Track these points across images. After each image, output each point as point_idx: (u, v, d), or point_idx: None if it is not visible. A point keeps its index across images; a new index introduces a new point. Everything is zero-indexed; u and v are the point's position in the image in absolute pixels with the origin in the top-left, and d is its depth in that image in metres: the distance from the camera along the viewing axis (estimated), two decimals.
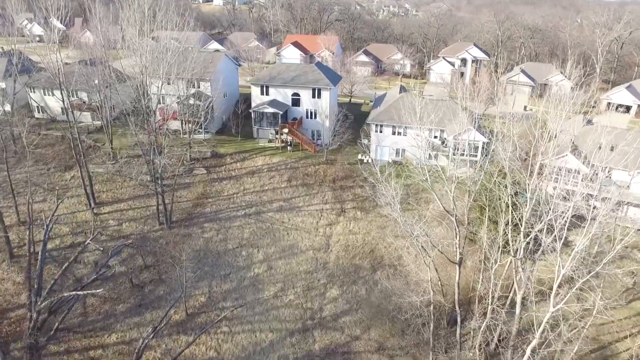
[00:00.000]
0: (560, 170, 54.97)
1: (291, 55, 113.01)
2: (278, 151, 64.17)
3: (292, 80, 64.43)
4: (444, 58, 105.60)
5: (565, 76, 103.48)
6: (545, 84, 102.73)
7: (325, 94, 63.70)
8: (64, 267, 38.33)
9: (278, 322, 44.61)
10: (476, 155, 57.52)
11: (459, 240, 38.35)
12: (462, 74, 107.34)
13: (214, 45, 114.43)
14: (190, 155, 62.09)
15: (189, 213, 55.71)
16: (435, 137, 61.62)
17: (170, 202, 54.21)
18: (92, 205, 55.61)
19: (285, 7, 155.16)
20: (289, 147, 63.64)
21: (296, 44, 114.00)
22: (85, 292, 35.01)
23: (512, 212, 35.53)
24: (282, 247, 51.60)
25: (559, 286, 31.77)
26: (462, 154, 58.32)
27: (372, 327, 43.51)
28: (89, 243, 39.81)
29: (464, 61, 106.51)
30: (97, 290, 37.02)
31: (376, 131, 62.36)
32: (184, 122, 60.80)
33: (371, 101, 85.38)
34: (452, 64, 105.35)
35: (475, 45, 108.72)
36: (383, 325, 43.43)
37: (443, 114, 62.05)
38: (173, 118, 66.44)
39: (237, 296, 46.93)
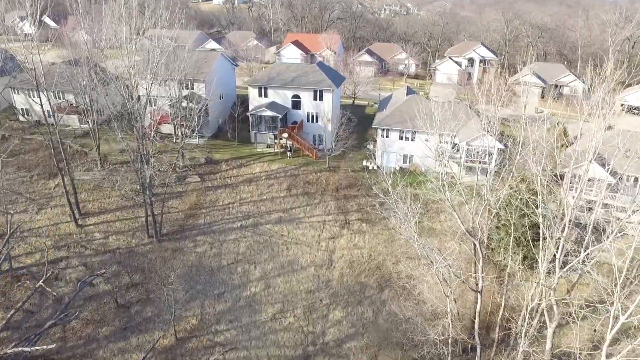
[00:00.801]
0: (583, 179, 50.82)
1: (291, 54, 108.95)
2: (277, 157, 60.08)
3: (292, 81, 60.37)
4: (450, 58, 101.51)
5: (577, 77, 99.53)
6: (556, 85, 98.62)
7: (327, 96, 59.64)
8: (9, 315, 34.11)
9: (276, 347, 40.62)
10: (490, 163, 53.37)
11: (481, 266, 34.20)
12: (468, 74, 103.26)
13: (211, 44, 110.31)
14: (182, 162, 58.04)
15: (180, 225, 51.64)
16: (446, 142, 57.47)
17: (160, 213, 50.15)
18: (77, 216, 51.59)
19: (286, 6, 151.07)
20: (288, 153, 59.57)
21: (296, 43, 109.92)
22: (33, 348, 30.86)
23: (544, 232, 31.38)
24: (281, 263, 47.53)
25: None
26: (475, 161, 54.23)
27: (381, 355, 39.44)
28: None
29: (471, 61, 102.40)
30: (49, 346, 32.97)
31: (382, 136, 58.27)
32: (176, 126, 56.68)
33: (375, 103, 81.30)
34: (459, 64, 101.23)
35: (482, 44, 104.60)
36: (393, 352, 39.34)
37: (456, 118, 57.89)
38: (164, 122, 62.42)
39: (232, 318, 42.93)
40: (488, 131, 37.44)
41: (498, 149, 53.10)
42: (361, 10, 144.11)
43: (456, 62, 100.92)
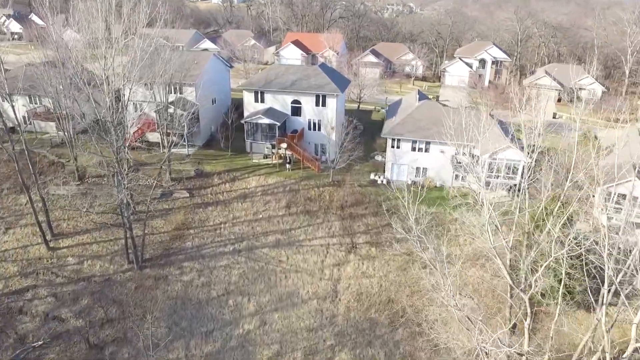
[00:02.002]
0: (620, 198, 44.91)
1: (291, 55, 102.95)
2: (275, 170, 54.00)
3: (292, 85, 54.33)
4: (460, 59, 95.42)
5: (596, 79, 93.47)
6: (574, 88, 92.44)
7: (331, 102, 53.59)
8: None
9: None
10: (514, 178, 47.37)
11: (528, 325, 28.15)
12: (479, 76, 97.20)
13: (206, 43, 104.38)
14: (169, 175, 52.02)
15: (165, 248, 45.62)
16: (464, 154, 51.44)
17: (142, 234, 44.10)
18: (49, 237, 45.63)
19: (285, 4, 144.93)
20: (288, 165, 53.52)
21: (297, 43, 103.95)
22: None
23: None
24: (279, 295, 41.47)
25: None
26: (497, 176, 48.19)
27: None
28: None
29: (482, 62, 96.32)
30: None
31: (392, 146, 52.20)
32: (162, 134, 50.62)
33: (382, 108, 75.26)
34: (470, 66, 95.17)
35: (494, 44, 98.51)
36: None
37: (472, 125, 51.83)
38: (149, 129, 56.47)
39: None
40: (529, 147, 31.14)
41: (527, 163, 46.99)
42: (365, 9, 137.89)
43: (467, 64, 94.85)
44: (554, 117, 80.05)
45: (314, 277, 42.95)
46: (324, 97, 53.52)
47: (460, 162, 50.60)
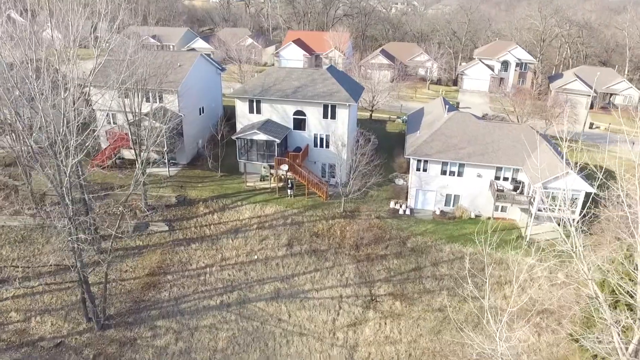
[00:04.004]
0: None
1: (292, 55, 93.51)
2: (273, 196, 44.47)
3: (294, 92, 44.84)
4: (480, 60, 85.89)
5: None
6: (608, 94, 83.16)
7: (342, 113, 44.11)
8: None
9: None
10: (573, 212, 37.81)
11: None
12: (501, 80, 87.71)
13: (199, 43, 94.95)
14: (146, 202, 42.52)
15: (135, 300, 36.10)
16: (505, 179, 42.00)
17: (104, 282, 34.55)
18: None
19: (286, 2, 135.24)
20: (289, 191, 43.98)
21: (299, 42, 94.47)
22: None
23: None
24: None
25: None
26: (550, 209, 38.64)
27: None
28: None
29: (505, 64, 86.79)
30: None
31: (418, 169, 42.67)
32: (136, 153, 41.02)
33: (398, 117, 65.75)
34: (491, 68, 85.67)
35: (518, 45, 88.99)
36: None
37: (518, 144, 42.51)
38: (125, 146, 47.00)
39: None
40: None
41: (588, 193, 37.48)
42: (372, 6, 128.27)
43: (487, 66, 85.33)
44: (590, 127, 70.63)
45: (323, 342, 33.43)
46: (334, 107, 44.03)
47: (502, 189, 41.11)
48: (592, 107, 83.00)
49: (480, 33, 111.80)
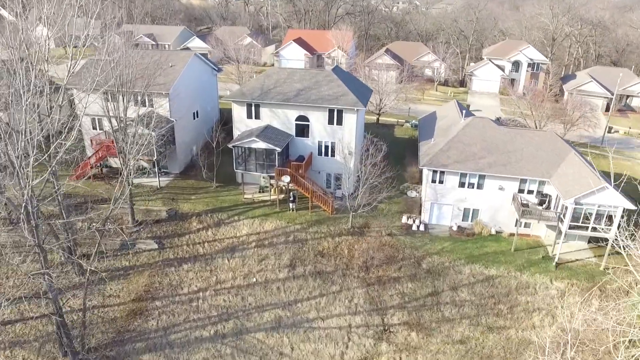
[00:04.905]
0: None
1: (293, 55, 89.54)
2: (274, 209, 40.49)
3: (297, 95, 40.88)
4: (490, 60, 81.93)
5: None
6: (625, 96, 79.31)
7: (350, 119, 40.17)
8: None
9: None
10: (608, 230, 33.85)
11: None
12: (512, 80, 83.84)
13: (195, 42, 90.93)
14: (133, 217, 38.54)
15: (119, 330, 32.10)
16: (530, 191, 38.06)
17: (81, 309, 30.60)
18: None
19: (286, 0, 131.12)
20: (291, 205, 39.99)
21: (300, 42, 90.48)
22: None
23: None
24: None
25: None
26: (582, 227, 34.70)
27: None
28: None
29: (516, 65, 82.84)
30: None
31: (433, 180, 38.72)
32: (122, 162, 36.93)
33: (407, 121, 61.78)
34: (502, 69, 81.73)
35: (530, 44, 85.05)
36: None
37: (542, 152, 38.63)
38: (111, 154, 43.03)
39: None
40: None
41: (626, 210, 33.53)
42: (375, 4, 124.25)
43: (498, 66, 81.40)
44: (609, 132, 66.71)
45: None
46: (340, 112, 40.08)
47: (527, 204, 37.17)
48: (607, 109, 79.22)
49: (487, 32, 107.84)
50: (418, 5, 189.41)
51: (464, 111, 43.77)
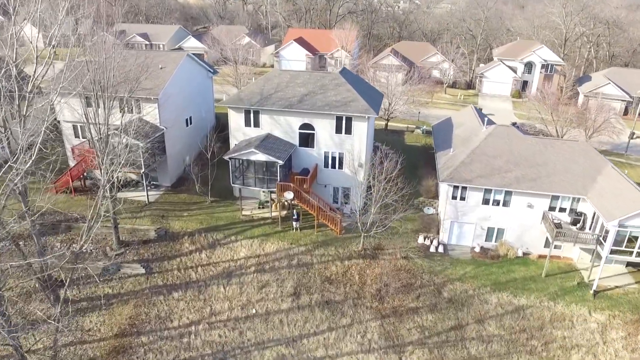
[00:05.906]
0: None
1: (294, 55, 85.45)
2: (275, 228, 36.35)
3: (300, 101, 36.77)
4: (502, 61, 77.88)
5: None
6: None
7: (360, 127, 36.09)
8: None
9: None
10: None
11: None
12: (524, 83, 79.87)
13: (191, 41, 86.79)
14: (117, 237, 34.37)
15: None
16: (562, 209, 33.99)
17: (53, 347, 26.47)
18: None
19: None
20: (294, 223, 35.86)
21: (301, 41, 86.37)
22: None
23: None
24: None
25: None
26: (626, 251, 30.66)
27: None
28: None
29: (528, 66, 78.83)
30: None
31: (454, 197, 34.63)
32: (104, 174, 32.69)
33: (418, 127, 57.68)
34: (514, 70, 77.71)
35: (544, 45, 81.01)
36: None
37: (575, 165, 34.61)
38: (94, 166, 38.76)
39: None
40: None
41: None
42: (379, 3, 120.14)
43: (509, 67, 77.39)
44: (631, 138, 62.64)
45: None
46: (349, 120, 35.99)
47: (560, 224, 33.11)
48: (625, 112, 75.26)
49: (496, 32, 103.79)
50: (419, 5, 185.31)
51: (485, 119, 39.69)
